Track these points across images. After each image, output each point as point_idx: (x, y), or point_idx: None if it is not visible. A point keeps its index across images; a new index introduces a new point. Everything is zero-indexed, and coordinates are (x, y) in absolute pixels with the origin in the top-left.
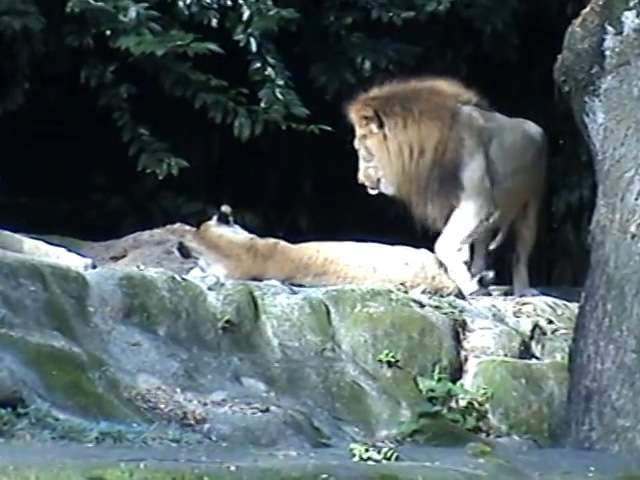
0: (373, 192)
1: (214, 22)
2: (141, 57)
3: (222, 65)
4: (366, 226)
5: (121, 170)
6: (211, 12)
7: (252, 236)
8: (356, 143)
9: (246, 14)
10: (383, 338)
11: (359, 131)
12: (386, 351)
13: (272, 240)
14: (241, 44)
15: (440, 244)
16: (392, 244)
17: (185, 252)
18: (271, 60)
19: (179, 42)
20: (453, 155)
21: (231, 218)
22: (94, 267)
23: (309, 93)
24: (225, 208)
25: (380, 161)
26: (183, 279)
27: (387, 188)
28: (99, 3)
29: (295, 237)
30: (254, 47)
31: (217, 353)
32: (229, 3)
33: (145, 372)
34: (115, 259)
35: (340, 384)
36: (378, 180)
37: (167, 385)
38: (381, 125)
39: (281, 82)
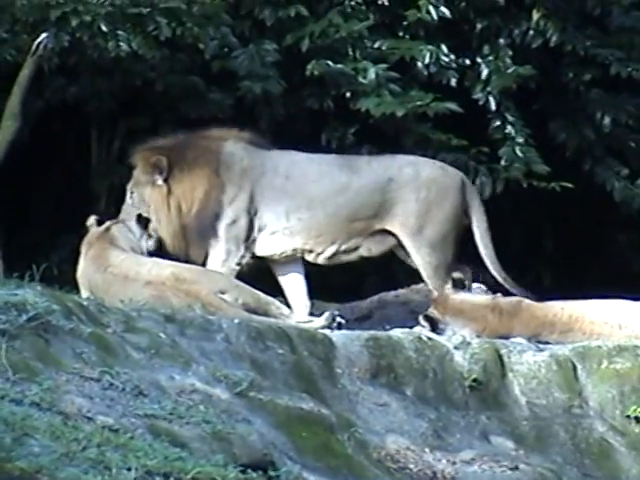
0: None
1: (453, 81)
2: (381, 118)
3: (462, 124)
4: (609, 282)
5: None
6: (450, 72)
7: (493, 295)
8: (130, 186)
9: (484, 72)
10: (631, 394)
11: (141, 177)
12: (634, 407)
13: (515, 298)
14: (480, 102)
15: None
16: (637, 299)
17: (434, 324)
18: (510, 118)
19: (419, 102)
20: (215, 206)
21: (467, 282)
22: (339, 325)
23: (549, 150)
24: (457, 275)
25: (157, 214)
26: (429, 339)
27: (165, 244)
28: (338, 65)
29: (539, 295)
30: (493, 105)
31: (465, 412)
32: (467, 62)
33: (394, 432)
34: (360, 320)
35: (589, 440)
36: None
37: (416, 445)
38: (166, 178)
39: (521, 140)
